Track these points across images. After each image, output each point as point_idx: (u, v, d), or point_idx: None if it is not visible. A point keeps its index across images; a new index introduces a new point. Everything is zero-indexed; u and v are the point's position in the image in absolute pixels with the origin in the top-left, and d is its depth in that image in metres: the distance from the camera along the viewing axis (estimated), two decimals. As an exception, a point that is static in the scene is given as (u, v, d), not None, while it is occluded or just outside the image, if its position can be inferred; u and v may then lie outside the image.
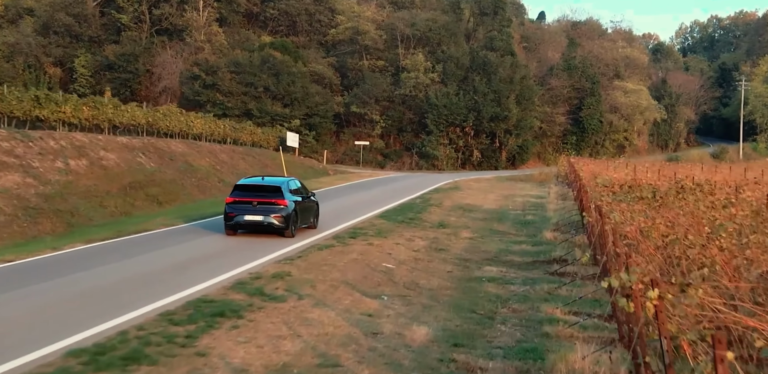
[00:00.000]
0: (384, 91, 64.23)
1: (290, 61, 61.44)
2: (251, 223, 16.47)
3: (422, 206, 25.76)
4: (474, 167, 67.81)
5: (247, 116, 59.46)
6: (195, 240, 16.85)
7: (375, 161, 64.06)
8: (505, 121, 65.79)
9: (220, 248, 16.04)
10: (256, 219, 16.33)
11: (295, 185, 17.82)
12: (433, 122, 63.24)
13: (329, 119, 63.01)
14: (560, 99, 76.04)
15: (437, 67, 65.00)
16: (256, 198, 16.39)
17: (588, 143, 79.94)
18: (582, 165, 34.97)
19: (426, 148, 62.92)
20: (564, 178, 36.22)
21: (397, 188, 34.33)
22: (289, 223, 16.44)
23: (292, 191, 17.19)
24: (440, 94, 63.61)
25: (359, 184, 38.33)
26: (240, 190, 16.86)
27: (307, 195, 18.23)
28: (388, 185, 36.68)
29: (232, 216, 16.42)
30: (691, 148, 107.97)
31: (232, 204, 16.52)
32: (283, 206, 16.33)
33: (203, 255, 14.99)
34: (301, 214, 17.15)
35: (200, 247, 16.11)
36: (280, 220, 16.25)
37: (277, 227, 16.42)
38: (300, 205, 17.18)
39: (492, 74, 65.20)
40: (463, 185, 36.94)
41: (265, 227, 16.50)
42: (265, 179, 18.04)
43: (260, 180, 17.78)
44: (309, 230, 18.25)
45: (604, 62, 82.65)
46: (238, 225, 16.65)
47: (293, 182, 17.95)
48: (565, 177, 35.93)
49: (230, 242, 16.53)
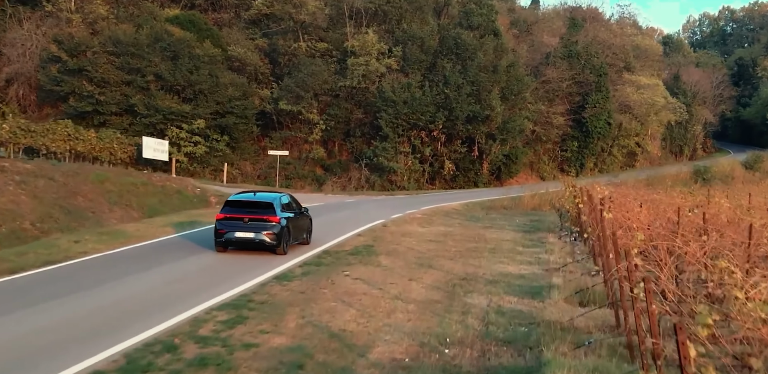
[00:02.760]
0: (325, 83, 48.15)
1: (193, 40, 45.26)
2: (242, 240, 15.94)
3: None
4: (446, 182, 51.80)
5: (130, 114, 43.25)
6: None
7: (311, 176, 47.85)
8: (486, 122, 49.88)
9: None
10: (247, 236, 15.86)
11: (287, 201, 17.36)
12: (389, 124, 47.20)
13: (250, 120, 46.85)
14: (558, 95, 60.10)
15: (395, 51, 48.93)
16: (248, 215, 15.94)
17: (592, 150, 64.09)
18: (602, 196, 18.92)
19: (379, 158, 46.84)
20: (574, 222, 20.31)
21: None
22: (281, 240, 15.98)
23: (284, 208, 16.75)
24: (398, 86, 47.59)
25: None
26: (231, 206, 16.32)
27: (299, 211, 17.82)
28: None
29: (223, 233, 15.88)
30: (710, 155, 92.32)
31: (223, 221, 15.97)
32: (275, 223, 15.91)
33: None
34: (294, 230, 16.77)
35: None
36: (271, 237, 15.84)
37: (269, 245, 15.97)
38: (292, 221, 16.71)
39: (468, 60, 49.19)
40: (394, 235, 20.84)
41: (257, 245, 15.96)
42: (257, 194, 17.75)
43: (252, 196, 17.41)
44: (302, 246, 17.32)
45: (611, 50, 66.71)
46: (229, 242, 16.05)
47: (286, 198, 17.50)
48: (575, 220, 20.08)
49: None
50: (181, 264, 14.79)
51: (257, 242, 15.79)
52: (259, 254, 15.91)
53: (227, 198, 17.33)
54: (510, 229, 23.71)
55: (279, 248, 15.94)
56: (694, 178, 56.31)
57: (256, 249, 16.02)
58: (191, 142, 43.89)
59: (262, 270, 13.99)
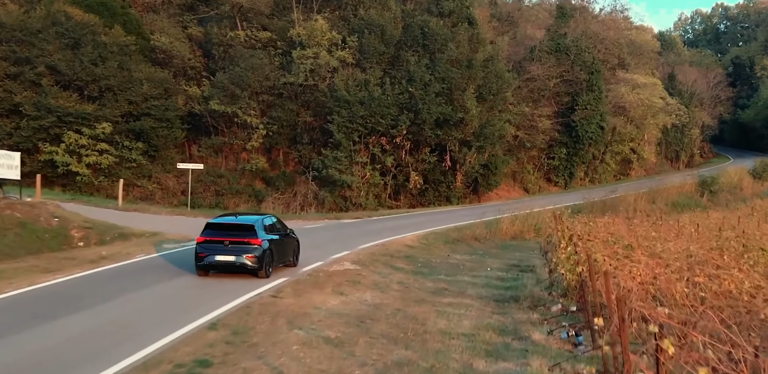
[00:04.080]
0: (267, 79, 40.02)
1: (99, 25, 36.95)
2: (223, 264, 15.54)
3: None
4: (413, 198, 43.84)
5: (16, 115, 34.89)
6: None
7: (249, 191, 39.61)
8: (459, 126, 42.03)
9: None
10: (228, 260, 15.45)
11: (271, 222, 16.89)
12: (342, 129, 39.14)
13: (173, 123, 38.56)
14: (544, 95, 52.41)
15: (350, 41, 40.86)
16: (228, 237, 15.48)
17: (583, 157, 56.46)
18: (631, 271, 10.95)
19: (329, 170, 38.75)
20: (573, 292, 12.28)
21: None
22: (263, 263, 15.54)
23: (267, 229, 16.24)
24: (353, 83, 39.57)
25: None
26: (211, 229, 15.79)
27: (285, 232, 17.25)
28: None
29: (203, 256, 15.43)
30: (708, 161, 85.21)
31: (203, 244, 15.51)
32: (256, 245, 15.46)
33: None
34: (277, 253, 16.32)
35: None
36: (253, 260, 15.40)
37: (251, 268, 15.53)
38: (276, 244, 16.26)
39: (438, 53, 41.27)
40: (276, 322, 12.33)
41: (238, 268, 15.53)
42: (238, 217, 17.42)
43: (234, 218, 17.13)
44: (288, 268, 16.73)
45: (604, 45, 59.08)
46: (209, 266, 15.61)
47: (268, 220, 16.96)
48: (575, 292, 12.09)
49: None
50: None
51: (238, 265, 15.50)
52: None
53: (208, 220, 16.78)
54: (475, 295, 15.63)
55: (261, 271, 15.64)
56: (701, 190, 49.05)
57: (238, 273, 15.63)
58: (96, 150, 35.65)
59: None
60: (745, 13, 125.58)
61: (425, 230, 27.93)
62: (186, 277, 15.94)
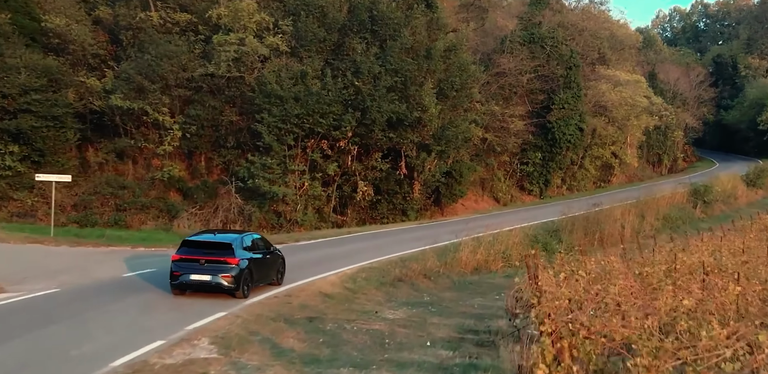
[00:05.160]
0: (183, 70, 33.09)
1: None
2: (198, 283, 14.86)
3: None
4: (364, 212, 37.24)
5: None
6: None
7: (161, 205, 32.56)
8: (416, 128, 35.54)
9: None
10: (203, 279, 14.81)
11: (251, 241, 16.29)
12: (273, 130, 32.33)
13: (65, 122, 31.42)
14: (517, 92, 46.09)
15: (284, 25, 34.05)
16: (204, 256, 14.85)
17: (560, 163, 50.26)
18: None
19: (257, 180, 31.89)
20: None
21: None
22: (240, 283, 14.86)
23: (247, 248, 15.68)
24: (287, 75, 32.78)
25: None
26: (187, 246, 15.17)
27: (268, 251, 16.69)
28: None
29: (177, 275, 14.79)
30: (692, 165, 79.79)
31: (178, 262, 14.86)
32: (233, 265, 14.81)
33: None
34: (258, 272, 15.71)
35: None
36: (229, 280, 14.71)
37: (227, 288, 14.83)
38: (256, 262, 15.65)
39: (390, 40, 34.67)
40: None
41: (213, 288, 14.89)
42: (216, 234, 16.67)
43: (211, 236, 16.28)
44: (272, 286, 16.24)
45: (582, 37, 52.98)
46: (184, 285, 14.95)
47: (249, 238, 16.45)
48: None
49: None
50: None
51: (213, 285, 14.74)
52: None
53: (185, 238, 15.94)
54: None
55: (238, 291, 14.84)
56: (693, 200, 43.12)
57: (214, 292, 14.86)
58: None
59: None
60: (725, 11, 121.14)
61: (359, 264, 21.16)
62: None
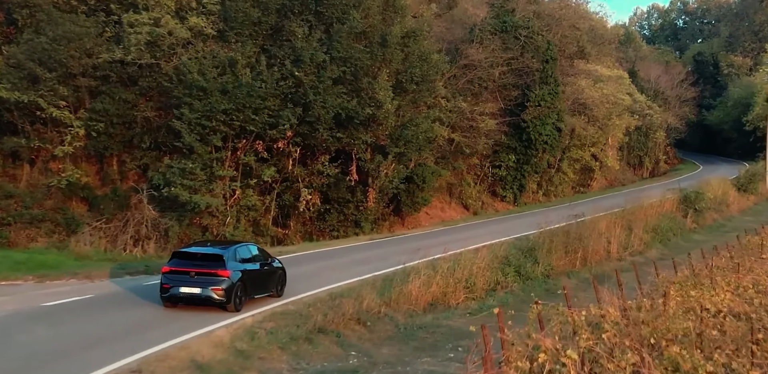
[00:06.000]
0: (88, 56, 27.62)
1: None
2: (188, 296, 14.61)
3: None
4: (310, 224, 32.14)
5: None
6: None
7: (57, 218, 26.98)
8: (370, 126, 30.51)
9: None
10: (193, 292, 14.55)
11: (247, 252, 16.01)
12: (195, 128, 26.98)
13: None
14: (487, 87, 41.22)
15: (209, 3, 28.69)
16: (195, 268, 14.61)
17: (536, 166, 45.53)
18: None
19: (173, 188, 26.52)
20: None
21: None
22: (232, 296, 14.60)
23: (242, 260, 15.44)
24: (212, 63, 27.44)
25: None
26: (178, 258, 15.01)
27: (266, 262, 16.50)
28: None
29: (167, 288, 14.57)
30: (674, 168, 75.84)
31: (168, 274, 14.65)
32: (224, 277, 14.57)
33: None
34: (253, 284, 15.51)
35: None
36: (220, 293, 14.48)
37: (218, 301, 14.60)
38: (252, 274, 15.43)
39: (337, 23, 29.51)
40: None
41: (204, 301, 14.67)
42: (209, 246, 16.76)
43: (203, 247, 16.24)
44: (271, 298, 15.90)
45: (561, 28, 48.32)
46: (174, 298, 14.72)
47: (244, 249, 16.10)
48: None
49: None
50: None
51: (204, 298, 14.56)
52: None
53: (175, 249, 15.93)
54: None
55: (229, 304, 14.63)
56: (683, 209, 38.68)
57: (205, 306, 14.65)
58: None
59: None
60: (705, 8, 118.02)
61: (269, 306, 15.95)
62: None
